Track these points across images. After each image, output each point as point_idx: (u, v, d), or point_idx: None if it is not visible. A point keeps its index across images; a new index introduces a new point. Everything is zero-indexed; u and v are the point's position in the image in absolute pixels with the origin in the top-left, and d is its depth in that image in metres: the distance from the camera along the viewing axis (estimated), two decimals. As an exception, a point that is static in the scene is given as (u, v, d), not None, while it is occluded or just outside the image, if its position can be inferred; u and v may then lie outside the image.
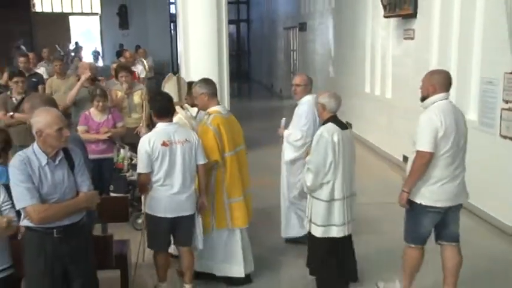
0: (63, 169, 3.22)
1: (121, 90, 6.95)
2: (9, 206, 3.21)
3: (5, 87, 7.33)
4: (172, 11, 21.15)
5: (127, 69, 7.12)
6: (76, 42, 21.09)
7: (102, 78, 6.94)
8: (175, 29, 20.45)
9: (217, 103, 4.59)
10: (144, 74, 10.45)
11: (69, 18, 22.15)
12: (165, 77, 5.46)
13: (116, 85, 7.12)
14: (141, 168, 4.12)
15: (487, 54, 6.13)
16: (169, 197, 4.13)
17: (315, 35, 14.20)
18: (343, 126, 4.35)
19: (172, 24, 21.91)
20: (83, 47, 20.48)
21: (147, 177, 4.14)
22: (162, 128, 4.17)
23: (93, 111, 5.88)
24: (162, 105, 4.23)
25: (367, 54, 10.32)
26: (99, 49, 22.60)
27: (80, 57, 16.67)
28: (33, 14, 20.58)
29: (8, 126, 5.69)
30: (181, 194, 4.15)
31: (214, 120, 4.44)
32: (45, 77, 8.67)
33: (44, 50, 11.62)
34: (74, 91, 6.67)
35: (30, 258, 3.20)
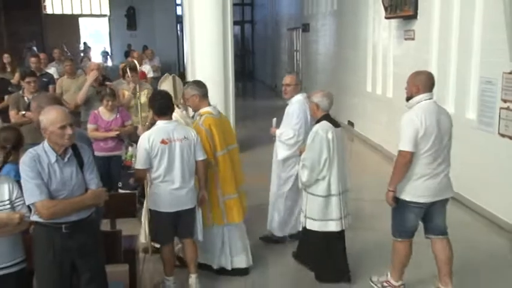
0: (72, 166, 3.22)
1: (128, 89, 6.97)
2: (22, 202, 3.22)
3: (16, 87, 7.38)
4: (178, 13, 21.17)
5: (134, 70, 7.15)
6: (84, 43, 21.15)
7: (110, 84, 6.96)
8: (181, 30, 20.49)
9: (208, 104, 4.62)
10: (151, 74, 10.48)
11: (79, 19, 22.22)
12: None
13: (123, 85, 7.14)
14: (139, 164, 4.19)
15: (486, 55, 6.11)
16: (170, 192, 4.18)
17: (318, 36, 14.17)
18: (336, 124, 4.45)
19: (178, 25, 21.94)
20: (91, 48, 20.53)
21: (144, 173, 4.23)
22: (161, 126, 4.20)
23: (102, 110, 5.91)
24: (161, 103, 4.25)
25: (369, 54, 10.31)
26: (108, 49, 22.66)
27: (89, 57, 16.70)
28: (44, 16, 20.65)
29: (20, 125, 5.72)
30: (182, 189, 4.20)
31: (206, 121, 4.49)
32: (55, 76, 8.69)
33: (55, 50, 11.65)
34: (83, 91, 6.70)
35: (40, 253, 3.22)
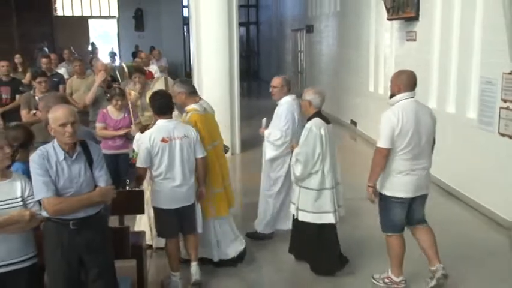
0: (81, 164, 3.21)
1: (135, 90, 6.97)
2: (34, 199, 3.21)
3: (28, 87, 7.40)
4: (185, 14, 21.14)
5: (140, 71, 7.14)
6: (92, 43, 21.19)
7: (117, 86, 6.97)
8: (188, 31, 20.44)
9: (194, 101, 4.63)
10: (158, 74, 10.47)
11: (88, 21, 22.27)
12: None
13: (130, 85, 7.13)
14: (140, 162, 4.21)
15: (486, 56, 6.08)
16: (172, 189, 4.20)
17: (321, 37, 14.14)
18: (327, 121, 4.52)
19: (185, 26, 21.89)
20: (99, 48, 20.54)
21: (145, 171, 4.26)
22: (162, 125, 4.22)
23: (110, 109, 5.90)
24: (161, 103, 4.27)
25: (371, 55, 10.28)
26: (116, 50, 22.69)
27: (98, 58, 16.72)
28: (55, 18, 20.74)
29: (31, 124, 5.73)
30: (183, 186, 4.23)
31: (192, 117, 4.53)
32: (65, 76, 8.71)
33: (65, 51, 11.69)
34: (92, 92, 6.71)
35: (50, 248, 3.22)
